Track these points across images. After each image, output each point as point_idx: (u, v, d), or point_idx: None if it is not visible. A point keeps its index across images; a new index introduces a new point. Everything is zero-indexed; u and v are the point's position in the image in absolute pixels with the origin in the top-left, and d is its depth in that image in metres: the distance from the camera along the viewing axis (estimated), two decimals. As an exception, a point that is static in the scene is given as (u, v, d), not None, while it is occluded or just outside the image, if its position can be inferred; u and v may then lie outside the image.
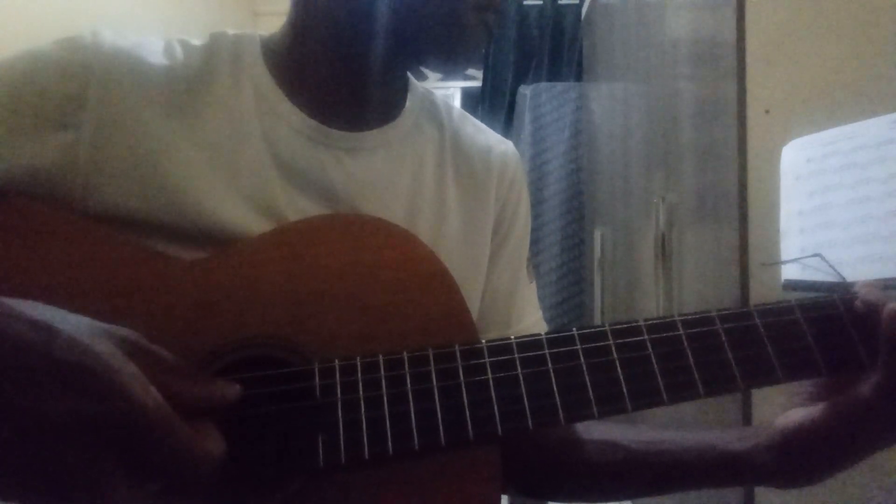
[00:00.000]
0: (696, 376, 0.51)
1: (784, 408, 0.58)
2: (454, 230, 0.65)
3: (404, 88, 0.68)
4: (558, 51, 3.01)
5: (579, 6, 2.84)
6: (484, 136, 0.73)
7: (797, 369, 0.53)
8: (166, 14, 2.61)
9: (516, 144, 0.75)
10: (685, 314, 0.53)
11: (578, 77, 2.89)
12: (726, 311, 0.53)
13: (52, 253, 0.52)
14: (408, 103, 0.68)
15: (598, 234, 2.36)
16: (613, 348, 0.52)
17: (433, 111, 0.70)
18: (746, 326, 0.53)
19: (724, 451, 0.58)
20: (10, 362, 0.38)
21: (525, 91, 2.87)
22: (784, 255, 0.75)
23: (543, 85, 2.87)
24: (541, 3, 3.03)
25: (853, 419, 0.52)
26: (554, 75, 2.97)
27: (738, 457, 0.58)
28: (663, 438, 0.61)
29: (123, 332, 0.43)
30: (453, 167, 0.68)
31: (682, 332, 0.52)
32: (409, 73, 0.69)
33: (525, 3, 3.05)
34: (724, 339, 0.52)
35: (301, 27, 0.62)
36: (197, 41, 0.62)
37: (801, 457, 0.55)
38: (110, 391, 0.38)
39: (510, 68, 3.04)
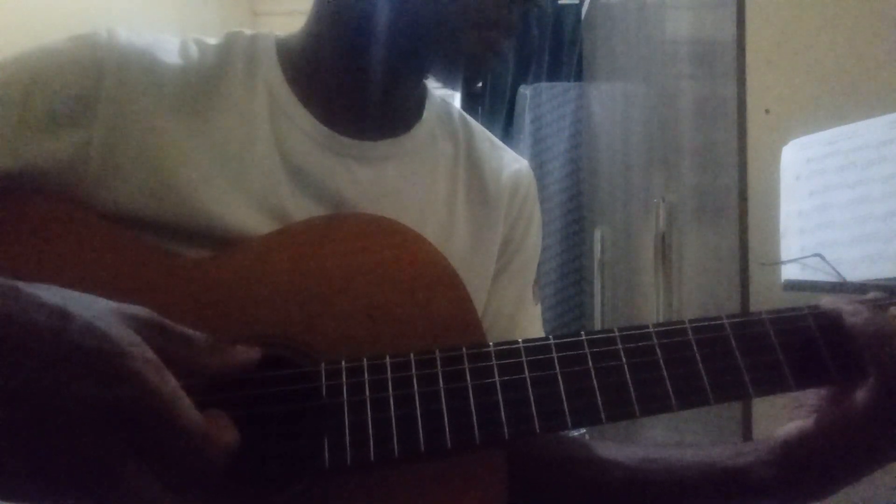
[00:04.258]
0: (706, 382, 0.51)
1: (787, 420, 0.57)
2: (461, 246, 0.64)
3: (420, 100, 0.67)
4: (558, 51, 3.00)
5: (579, 6, 2.84)
6: (499, 153, 0.72)
7: (809, 377, 0.52)
8: (165, 13, 2.61)
9: (516, 144, 0.75)
10: (695, 319, 0.53)
11: (578, 77, 2.89)
12: (738, 318, 0.53)
13: (59, 248, 0.52)
14: (424, 115, 0.67)
15: (598, 234, 2.36)
16: (622, 353, 0.51)
17: (450, 125, 0.69)
18: (758, 333, 0.52)
19: (725, 468, 0.57)
20: (26, 348, 0.38)
21: (525, 91, 2.87)
22: (784, 255, 0.75)
23: (543, 85, 2.86)
24: (541, 3, 3.03)
25: (851, 426, 0.51)
26: (554, 75, 2.97)
27: (738, 472, 0.56)
28: (663, 456, 0.60)
29: (137, 310, 0.43)
30: (465, 183, 0.67)
31: (692, 337, 0.52)
32: (426, 85, 0.68)
33: (525, 3, 3.04)
34: (734, 345, 0.52)
35: (318, 32, 0.62)
36: (213, 40, 0.61)
37: (802, 469, 0.54)
38: (125, 377, 0.38)
39: (510, 68, 3.04)
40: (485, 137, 0.72)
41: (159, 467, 0.40)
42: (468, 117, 0.73)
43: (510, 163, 0.72)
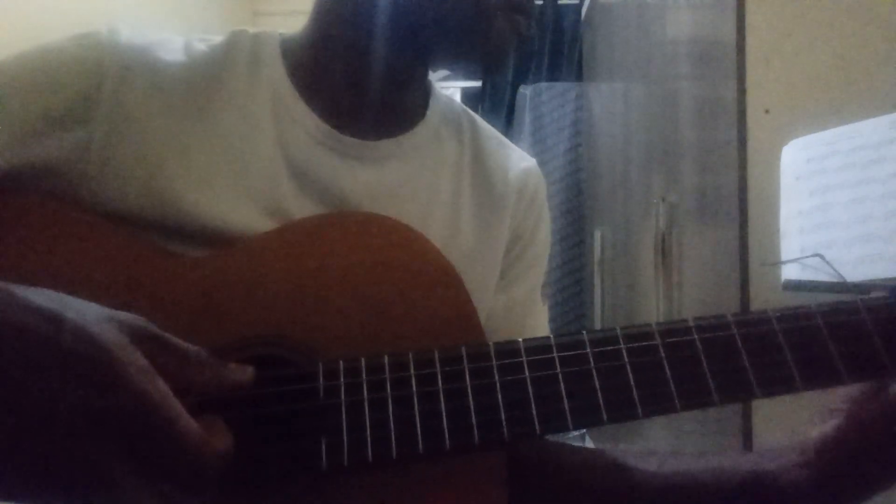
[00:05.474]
0: (711, 383, 0.49)
1: (820, 419, 0.53)
2: (466, 245, 0.64)
3: (424, 98, 0.67)
4: (558, 51, 3.01)
5: (579, 6, 2.84)
6: (506, 152, 0.71)
7: (817, 377, 0.50)
8: (166, 13, 2.61)
9: (516, 144, 0.74)
10: (700, 318, 0.52)
11: (578, 77, 2.89)
12: (742, 316, 0.51)
13: (56, 248, 0.52)
14: (428, 113, 0.66)
15: (598, 234, 2.36)
16: (625, 353, 0.50)
17: (455, 123, 0.68)
18: (764, 331, 0.51)
19: (750, 471, 0.55)
20: (18, 353, 0.37)
21: (525, 91, 2.87)
22: (784, 255, 0.75)
23: (543, 85, 2.87)
24: (541, 2, 3.03)
25: (890, 420, 0.48)
26: (554, 75, 2.98)
27: (765, 475, 0.54)
28: (678, 460, 0.59)
29: (130, 318, 0.42)
30: (470, 182, 0.66)
31: (696, 336, 0.50)
32: (430, 83, 0.67)
33: (525, 2, 3.05)
34: (740, 344, 0.50)
35: (321, 29, 0.61)
36: (216, 38, 0.61)
37: (838, 469, 0.51)
38: (117, 384, 0.38)
39: (510, 68, 3.04)
40: (491, 136, 0.71)
41: (152, 473, 0.39)
42: (475, 115, 0.71)
43: (518, 161, 0.71)
